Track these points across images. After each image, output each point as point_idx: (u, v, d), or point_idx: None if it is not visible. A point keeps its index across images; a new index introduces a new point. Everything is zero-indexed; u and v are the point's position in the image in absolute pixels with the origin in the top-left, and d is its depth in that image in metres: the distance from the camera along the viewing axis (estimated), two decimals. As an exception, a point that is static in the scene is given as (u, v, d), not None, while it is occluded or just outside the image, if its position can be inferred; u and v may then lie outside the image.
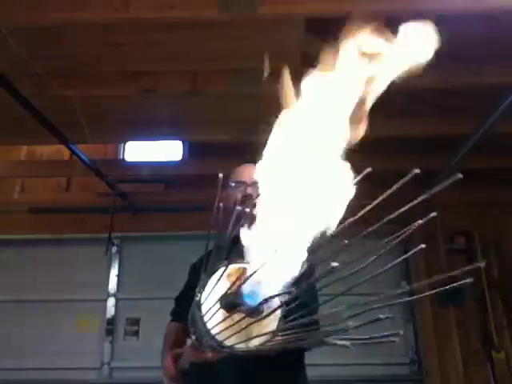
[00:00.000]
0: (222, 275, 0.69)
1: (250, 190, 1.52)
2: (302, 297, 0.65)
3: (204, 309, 0.66)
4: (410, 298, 0.62)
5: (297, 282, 0.62)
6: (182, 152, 4.13)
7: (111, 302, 3.79)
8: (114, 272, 3.87)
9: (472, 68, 2.15)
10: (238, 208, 0.64)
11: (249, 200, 1.49)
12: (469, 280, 0.57)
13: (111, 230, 3.55)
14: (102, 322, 3.74)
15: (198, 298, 0.67)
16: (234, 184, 1.56)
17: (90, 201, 3.89)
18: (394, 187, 0.58)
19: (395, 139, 2.71)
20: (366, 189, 0.67)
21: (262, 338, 0.65)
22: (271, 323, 0.67)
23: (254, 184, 1.51)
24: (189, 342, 1.09)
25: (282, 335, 0.66)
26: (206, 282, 0.68)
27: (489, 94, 2.08)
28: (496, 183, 3.42)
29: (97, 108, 2.54)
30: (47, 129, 2.37)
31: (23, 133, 2.80)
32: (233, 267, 0.69)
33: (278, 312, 0.67)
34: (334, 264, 0.56)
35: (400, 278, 3.63)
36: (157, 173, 3.59)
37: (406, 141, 2.57)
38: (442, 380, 3.30)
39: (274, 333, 0.66)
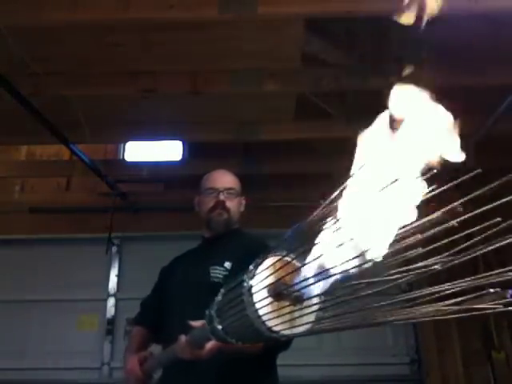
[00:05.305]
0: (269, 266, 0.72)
1: (222, 197, 1.53)
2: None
3: (254, 296, 0.69)
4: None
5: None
6: (181, 152, 4.13)
7: (111, 302, 3.78)
8: (114, 272, 3.86)
9: (472, 68, 2.15)
10: None
11: (221, 206, 1.50)
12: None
13: (111, 229, 3.55)
14: (102, 322, 3.73)
15: (247, 286, 0.70)
16: (206, 190, 1.57)
17: (90, 201, 3.88)
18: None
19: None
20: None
21: (305, 324, 0.69)
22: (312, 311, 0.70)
23: (227, 190, 1.53)
24: (183, 338, 1.08)
25: (325, 320, 0.70)
26: (254, 272, 0.71)
27: (489, 94, 2.08)
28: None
29: (97, 108, 2.54)
30: (47, 129, 2.37)
31: (23, 133, 2.80)
32: (278, 259, 0.71)
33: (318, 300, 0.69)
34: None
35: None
36: (156, 173, 3.59)
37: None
38: (442, 380, 3.29)
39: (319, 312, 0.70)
